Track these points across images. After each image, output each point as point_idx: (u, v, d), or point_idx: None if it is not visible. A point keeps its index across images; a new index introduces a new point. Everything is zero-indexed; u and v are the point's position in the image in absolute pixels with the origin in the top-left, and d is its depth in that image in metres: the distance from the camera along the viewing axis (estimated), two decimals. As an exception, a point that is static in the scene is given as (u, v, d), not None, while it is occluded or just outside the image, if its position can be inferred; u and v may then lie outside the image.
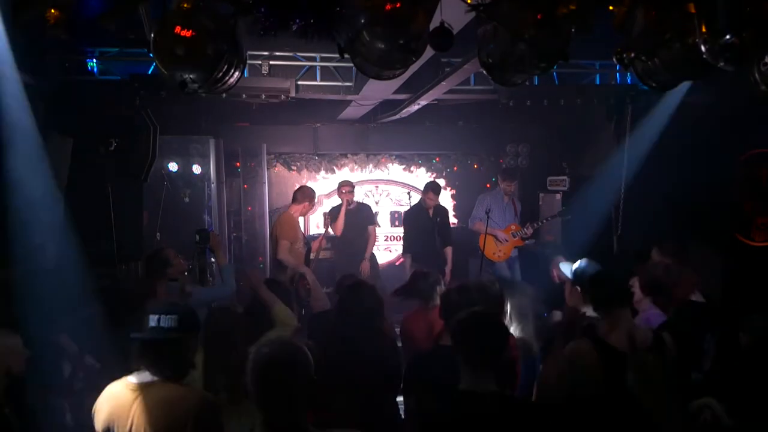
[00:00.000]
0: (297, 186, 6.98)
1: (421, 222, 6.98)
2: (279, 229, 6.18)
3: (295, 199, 6.46)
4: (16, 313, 4.32)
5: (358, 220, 7.15)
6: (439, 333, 3.32)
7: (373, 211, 7.58)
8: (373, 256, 7.32)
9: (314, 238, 7.19)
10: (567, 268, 4.16)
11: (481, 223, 7.03)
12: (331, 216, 7.13)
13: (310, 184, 7.84)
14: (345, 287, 3.60)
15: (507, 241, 7.22)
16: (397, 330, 4.21)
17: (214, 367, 2.86)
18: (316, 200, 6.80)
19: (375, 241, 7.37)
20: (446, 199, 8.63)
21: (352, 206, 7.16)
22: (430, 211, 6.99)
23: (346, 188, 7.13)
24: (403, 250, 7.05)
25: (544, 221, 7.37)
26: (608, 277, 3.23)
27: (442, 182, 8.41)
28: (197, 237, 4.61)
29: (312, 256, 6.61)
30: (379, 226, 7.61)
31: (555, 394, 2.93)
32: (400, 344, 3.84)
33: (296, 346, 2.16)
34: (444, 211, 7.24)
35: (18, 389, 2.76)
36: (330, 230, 7.09)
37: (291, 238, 6.13)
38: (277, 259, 6.08)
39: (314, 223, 8.45)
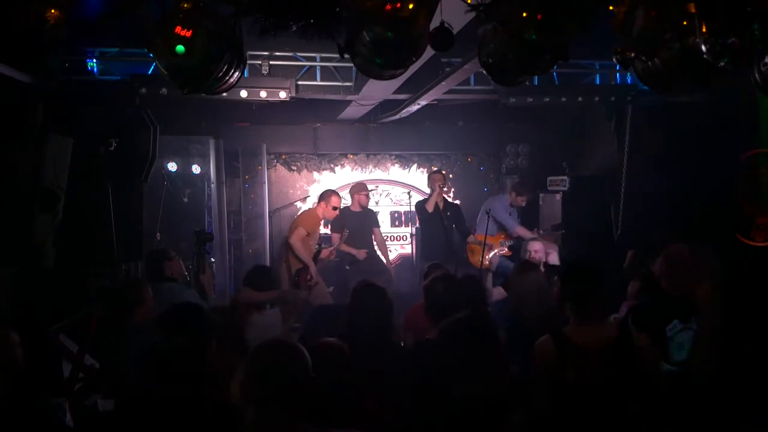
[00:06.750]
0: (297, 186, 6.99)
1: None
2: (302, 217, 6.61)
3: (322, 199, 6.73)
4: (16, 312, 4.33)
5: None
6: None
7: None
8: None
9: (329, 244, 7.02)
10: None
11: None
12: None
13: (309, 184, 7.91)
14: (356, 287, 3.52)
15: (494, 249, 7.08)
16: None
17: None
18: (337, 205, 6.74)
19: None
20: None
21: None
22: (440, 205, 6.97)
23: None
24: None
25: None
26: (581, 271, 2.96)
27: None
28: (195, 238, 4.62)
29: (321, 255, 6.60)
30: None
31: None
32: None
33: (293, 346, 2.15)
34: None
35: (18, 388, 2.76)
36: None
37: (309, 230, 6.40)
38: (288, 241, 6.22)
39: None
